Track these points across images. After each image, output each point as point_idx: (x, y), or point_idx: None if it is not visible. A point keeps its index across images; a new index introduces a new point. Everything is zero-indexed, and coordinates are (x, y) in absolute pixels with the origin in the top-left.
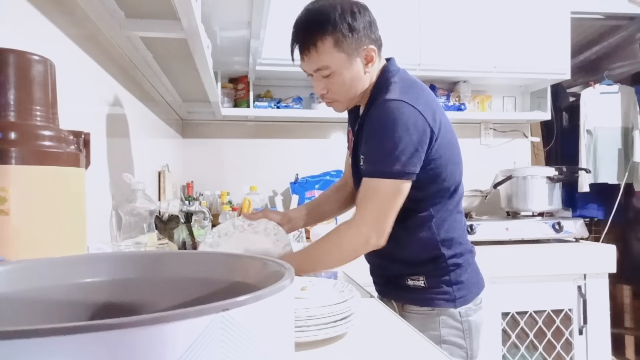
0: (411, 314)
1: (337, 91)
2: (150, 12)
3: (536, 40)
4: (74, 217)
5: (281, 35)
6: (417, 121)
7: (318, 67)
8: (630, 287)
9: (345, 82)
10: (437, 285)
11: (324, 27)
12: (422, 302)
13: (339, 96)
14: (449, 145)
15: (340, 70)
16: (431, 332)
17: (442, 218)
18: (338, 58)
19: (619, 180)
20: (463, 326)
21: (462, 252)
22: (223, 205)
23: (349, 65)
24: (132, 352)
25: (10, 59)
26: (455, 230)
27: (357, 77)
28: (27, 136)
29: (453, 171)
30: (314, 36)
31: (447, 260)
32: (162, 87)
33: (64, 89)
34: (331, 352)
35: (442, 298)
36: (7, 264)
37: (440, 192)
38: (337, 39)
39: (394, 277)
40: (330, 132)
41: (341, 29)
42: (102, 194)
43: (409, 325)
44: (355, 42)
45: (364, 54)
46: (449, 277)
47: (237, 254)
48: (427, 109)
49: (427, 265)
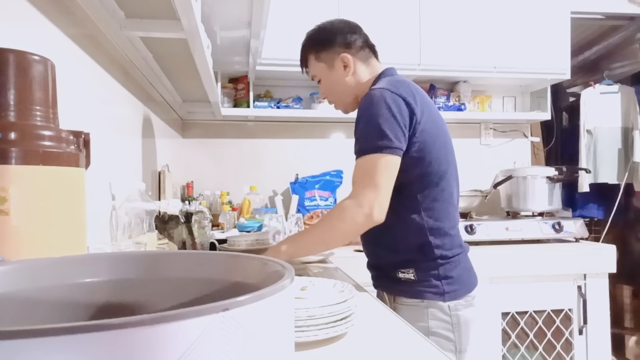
0: (402, 305)
1: (328, 93)
2: (150, 12)
3: (536, 40)
4: (74, 217)
5: (281, 35)
6: (398, 102)
7: (312, 76)
8: (630, 287)
9: (330, 85)
10: (426, 278)
11: (308, 46)
12: (411, 294)
13: (332, 97)
14: (434, 132)
15: (324, 77)
16: (420, 324)
17: (430, 206)
18: (320, 67)
19: (619, 180)
20: (452, 320)
21: (452, 245)
22: (223, 205)
23: (329, 72)
24: (132, 352)
25: (10, 59)
26: (444, 220)
27: (338, 82)
28: (27, 136)
29: (439, 157)
30: (304, 54)
31: (434, 250)
32: (162, 87)
33: (64, 89)
34: (331, 352)
35: (430, 291)
36: (7, 264)
37: (427, 176)
38: (315, 52)
39: (387, 268)
40: (330, 132)
41: (316, 45)
42: (102, 194)
43: (408, 325)
44: (331, 53)
45: (339, 61)
46: (438, 272)
47: (237, 254)
48: (408, 93)
49: (416, 254)
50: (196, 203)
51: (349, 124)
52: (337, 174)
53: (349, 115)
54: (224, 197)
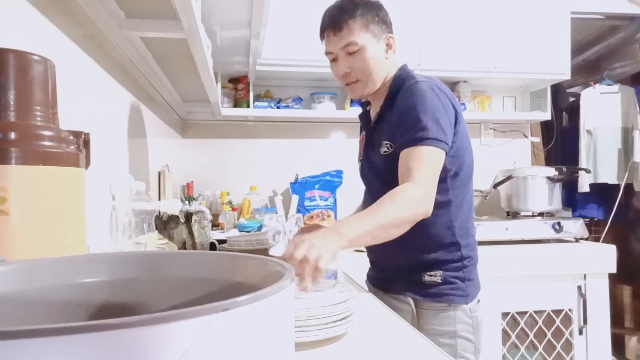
0: (427, 310)
1: (360, 68)
2: (150, 12)
3: (536, 40)
4: (74, 217)
5: (281, 35)
6: (447, 101)
7: (347, 43)
8: (630, 287)
9: (369, 60)
10: (452, 280)
11: (355, 10)
12: (439, 298)
13: (362, 74)
14: (465, 135)
15: (365, 48)
16: (448, 328)
17: (459, 206)
18: (365, 37)
19: (619, 180)
20: (472, 322)
21: (474, 246)
22: (223, 205)
23: (374, 45)
24: (132, 352)
25: (10, 59)
26: (468, 221)
27: (379, 58)
28: (27, 136)
29: (469, 161)
30: (346, 16)
31: (461, 251)
32: (162, 87)
33: (64, 89)
34: (331, 352)
35: (457, 294)
36: (7, 264)
37: (459, 177)
38: (366, 21)
39: (407, 271)
40: (330, 132)
41: (369, 14)
42: (102, 194)
43: (407, 324)
44: (380, 28)
45: (385, 40)
46: (463, 273)
47: (237, 254)
48: (451, 95)
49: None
50: (196, 203)
51: (348, 124)
52: (337, 174)
53: (349, 115)
54: (224, 197)
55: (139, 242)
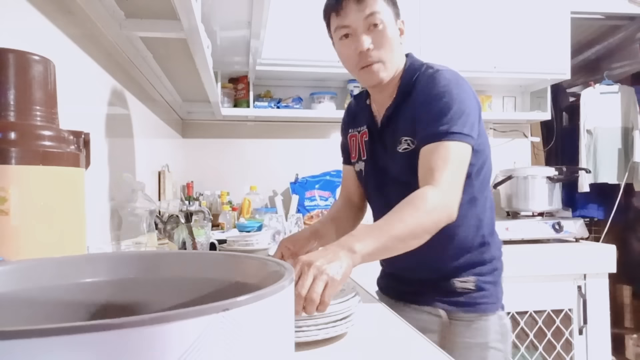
0: (459, 321)
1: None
2: (150, 12)
3: (536, 40)
4: (74, 217)
5: (281, 35)
6: (472, 92)
7: (372, 12)
8: (630, 287)
9: (391, 37)
10: (485, 287)
11: None
12: (471, 307)
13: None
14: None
15: (388, 23)
16: (479, 340)
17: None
18: (388, 11)
19: (619, 180)
20: (502, 330)
21: (500, 245)
22: (223, 205)
23: (392, 25)
24: (132, 352)
25: (10, 59)
26: (493, 218)
27: (396, 39)
28: (27, 136)
29: (489, 155)
30: None
31: (491, 251)
32: (162, 87)
33: (64, 89)
34: (331, 352)
35: (488, 301)
36: (7, 264)
37: (484, 171)
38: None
39: (435, 280)
40: (330, 132)
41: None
42: (102, 194)
43: (408, 325)
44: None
45: (399, 24)
46: (493, 277)
47: (237, 254)
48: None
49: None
50: (196, 203)
51: None
52: (337, 174)
53: None
54: (224, 197)
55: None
